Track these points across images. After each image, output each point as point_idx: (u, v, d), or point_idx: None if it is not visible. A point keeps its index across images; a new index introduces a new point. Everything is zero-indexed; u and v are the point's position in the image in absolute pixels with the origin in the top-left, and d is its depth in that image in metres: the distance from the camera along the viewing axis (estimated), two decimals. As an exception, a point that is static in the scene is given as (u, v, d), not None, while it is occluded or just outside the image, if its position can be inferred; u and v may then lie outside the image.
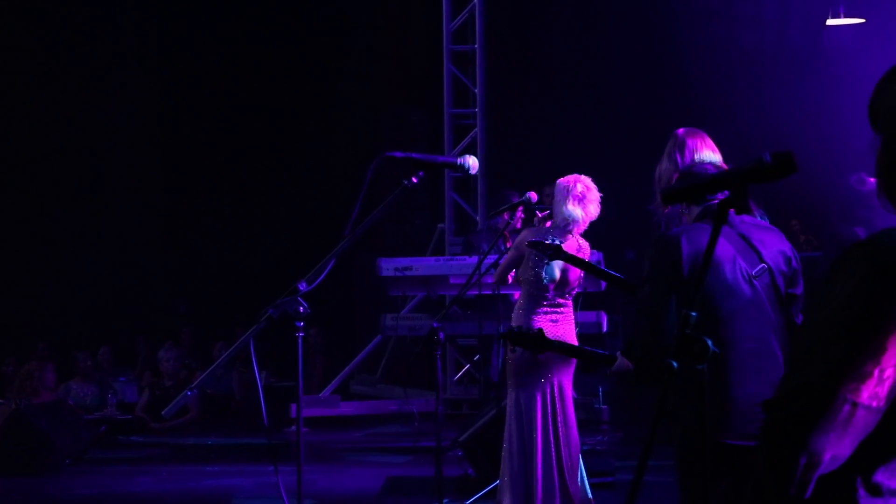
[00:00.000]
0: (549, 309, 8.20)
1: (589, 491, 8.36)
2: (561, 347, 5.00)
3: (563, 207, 8.23)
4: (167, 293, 19.87)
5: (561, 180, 8.35)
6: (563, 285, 8.26)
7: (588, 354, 5.06)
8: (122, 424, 14.82)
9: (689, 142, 5.45)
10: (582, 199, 8.26)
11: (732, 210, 4.53)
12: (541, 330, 5.08)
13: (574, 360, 8.15)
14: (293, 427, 14.51)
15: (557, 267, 8.03)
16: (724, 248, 4.51)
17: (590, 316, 13.42)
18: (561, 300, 8.26)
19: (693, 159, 5.30)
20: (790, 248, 4.75)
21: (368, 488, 10.38)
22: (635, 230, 16.04)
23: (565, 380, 8.19)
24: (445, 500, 8.13)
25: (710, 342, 3.06)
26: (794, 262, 4.71)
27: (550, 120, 17.97)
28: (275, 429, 8.78)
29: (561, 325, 8.10)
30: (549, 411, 8.14)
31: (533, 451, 8.14)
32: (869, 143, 2.47)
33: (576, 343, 8.04)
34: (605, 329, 13.71)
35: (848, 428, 2.11)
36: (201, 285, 19.52)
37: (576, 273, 8.24)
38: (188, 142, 19.61)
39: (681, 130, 5.54)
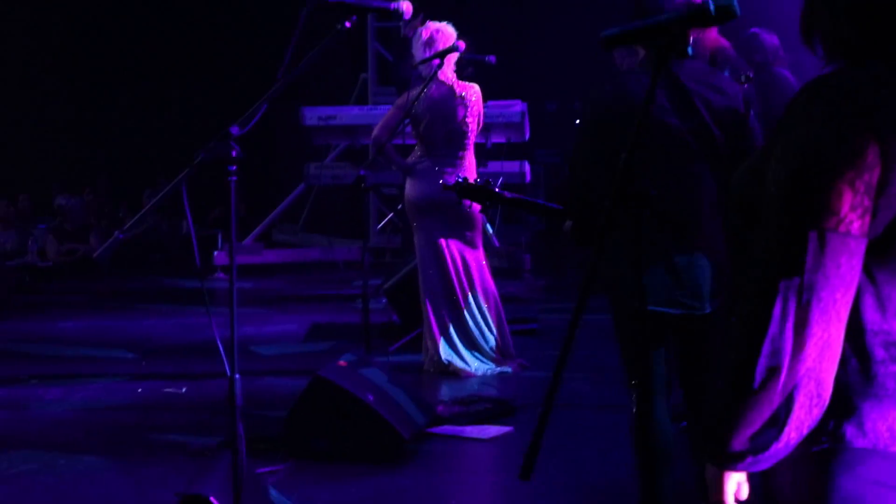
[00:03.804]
0: (440, 160, 8.33)
1: (502, 341, 8.50)
2: (513, 201, 4.89)
3: (417, 58, 8.36)
4: (85, 140, 19.60)
5: (419, 36, 8.41)
6: (449, 139, 8.35)
7: (540, 208, 4.93)
8: (43, 271, 14.77)
9: None
10: (430, 45, 8.29)
11: (685, 57, 4.45)
12: (488, 181, 4.94)
13: (461, 215, 8.30)
14: (218, 273, 14.58)
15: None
16: (657, 99, 4.27)
17: (513, 166, 13.48)
18: (450, 151, 8.36)
19: None
20: (742, 100, 4.40)
21: (293, 333, 10.46)
22: (558, 80, 16.11)
23: (448, 229, 8.35)
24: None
25: (648, 186, 3.09)
26: (741, 114, 4.36)
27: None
28: (200, 274, 8.82)
29: (450, 176, 8.19)
30: (440, 257, 8.33)
31: (426, 296, 8.36)
32: None
33: None
34: (528, 179, 13.78)
35: (842, 262, 2.17)
36: (121, 133, 19.28)
37: (458, 126, 8.33)
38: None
39: None
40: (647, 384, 4.39)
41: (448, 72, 8.34)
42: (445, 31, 8.32)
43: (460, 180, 4.94)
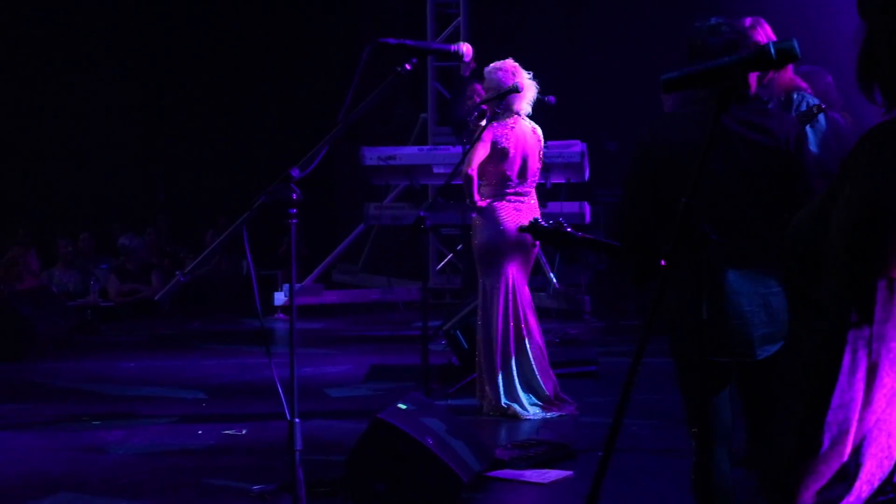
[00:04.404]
0: (512, 198, 8.31)
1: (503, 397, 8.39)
2: (585, 241, 4.80)
3: (503, 87, 8.26)
4: (151, 181, 19.79)
5: (502, 66, 8.30)
6: (525, 175, 8.35)
7: (613, 249, 4.86)
8: (104, 311, 14.87)
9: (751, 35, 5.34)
10: (514, 76, 8.28)
11: (745, 102, 4.39)
12: (560, 223, 4.87)
13: (529, 255, 8.30)
14: (278, 314, 14.64)
15: None
16: (696, 141, 3.90)
17: (573, 207, 13.43)
18: (523, 188, 8.35)
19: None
20: (793, 140, 4.24)
21: (353, 375, 10.45)
22: (617, 120, 16.05)
23: (518, 271, 8.33)
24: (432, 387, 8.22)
25: (708, 231, 3.05)
26: (790, 154, 4.21)
27: (534, 7, 17.82)
28: (260, 319, 8.85)
29: (524, 213, 8.17)
30: (511, 299, 8.28)
31: (494, 338, 8.27)
32: (855, 29, 2.44)
33: None
34: (587, 220, 13.73)
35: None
36: (181, 172, 19.45)
37: (535, 163, 8.35)
38: (170, 27, 19.35)
39: (748, 20, 5.39)
40: (707, 431, 4.33)
41: (527, 110, 8.35)
42: (521, 71, 8.33)
43: (536, 222, 4.88)
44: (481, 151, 8.26)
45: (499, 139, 8.23)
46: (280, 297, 14.82)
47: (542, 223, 4.91)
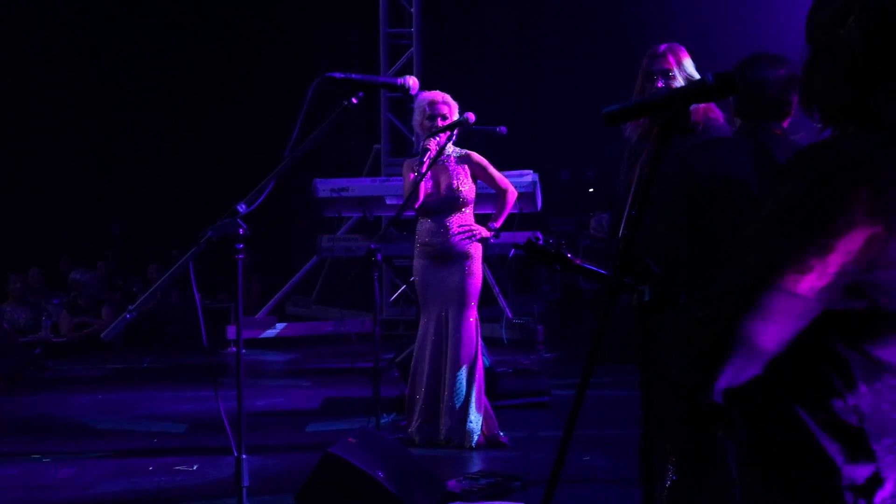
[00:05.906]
0: None
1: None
2: (583, 269, 4.61)
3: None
4: (100, 215, 19.68)
5: (445, 98, 8.31)
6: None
7: (604, 278, 4.75)
8: (57, 347, 14.75)
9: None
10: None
11: (785, 126, 4.39)
12: (561, 243, 4.73)
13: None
14: (230, 348, 14.55)
15: None
16: (745, 171, 4.27)
17: (526, 237, 13.45)
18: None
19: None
20: None
21: (306, 408, 10.40)
22: (570, 150, 16.14)
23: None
24: (384, 418, 8.18)
25: (651, 263, 3.04)
26: None
27: (487, 39, 17.90)
28: (211, 350, 8.74)
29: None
30: (443, 329, 8.26)
31: (476, 369, 8.24)
32: (800, 52, 2.47)
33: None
34: (540, 250, 13.73)
35: (780, 317, 2.12)
36: (135, 206, 19.36)
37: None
38: (121, 62, 19.31)
39: (662, 46, 5.44)
40: (689, 460, 4.33)
41: None
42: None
43: (535, 242, 4.74)
44: None
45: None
46: (232, 331, 14.74)
47: (541, 243, 4.74)
